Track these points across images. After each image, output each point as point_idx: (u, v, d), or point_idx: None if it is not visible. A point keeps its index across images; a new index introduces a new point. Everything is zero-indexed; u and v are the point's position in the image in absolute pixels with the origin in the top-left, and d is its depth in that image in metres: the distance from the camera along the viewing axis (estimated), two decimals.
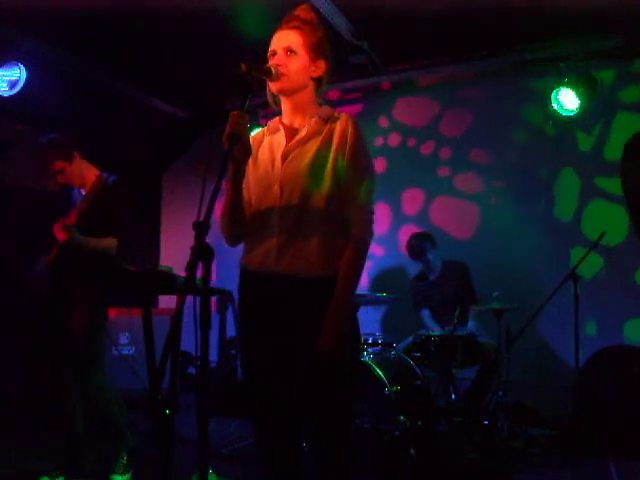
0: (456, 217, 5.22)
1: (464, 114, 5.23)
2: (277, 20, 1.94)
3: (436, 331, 4.31)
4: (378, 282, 5.26)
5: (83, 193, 3.27)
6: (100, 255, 3.12)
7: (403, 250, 4.83)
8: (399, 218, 5.44)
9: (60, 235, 3.02)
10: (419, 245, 4.55)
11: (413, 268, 4.90)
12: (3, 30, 4.04)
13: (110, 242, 3.12)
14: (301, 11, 1.94)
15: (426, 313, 4.57)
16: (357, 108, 5.68)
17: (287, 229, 1.84)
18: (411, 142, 5.48)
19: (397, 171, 5.46)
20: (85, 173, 3.26)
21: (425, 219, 5.34)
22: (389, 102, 5.59)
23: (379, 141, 5.54)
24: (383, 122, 5.59)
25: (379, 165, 5.42)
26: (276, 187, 1.88)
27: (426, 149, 5.42)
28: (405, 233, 5.31)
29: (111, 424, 3.16)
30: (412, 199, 5.45)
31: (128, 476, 3.12)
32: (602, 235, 3.97)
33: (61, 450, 3.16)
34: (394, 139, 5.55)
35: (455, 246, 4.96)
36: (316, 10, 2.01)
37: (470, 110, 5.20)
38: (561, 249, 4.71)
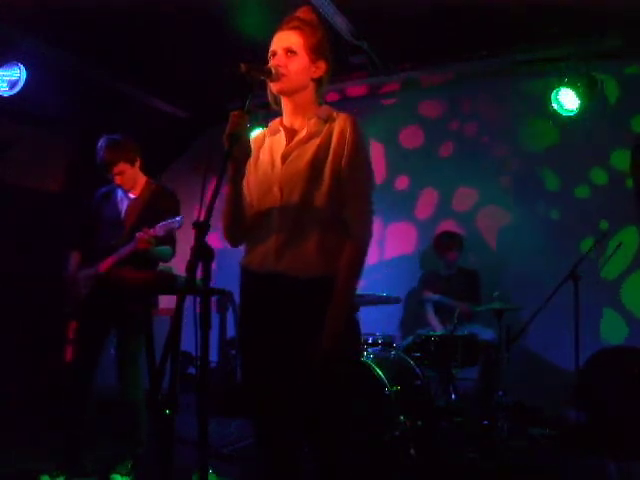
0: (457, 216, 5.22)
1: (464, 114, 5.22)
2: (277, 20, 1.94)
3: (436, 329, 4.32)
4: (378, 282, 5.26)
5: (132, 196, 3.31)
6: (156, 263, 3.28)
7: (403, 250, 4.84)
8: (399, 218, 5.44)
9: (144, 244, 3.03)
10: (448, 242, 4.66)
11: (413, 268, 4.91)
12: (3, 30, 4.04)
13: (167, 251, 3.24)
14: (301, 12, 1.95)
15: (430, 308, 4.59)
16: (357, 108, 5.68)
17: (287, 229, 1.84)
18: (411, 142, 5.48)
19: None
20: (137, 178, 3.33)
21: (425, 219, 5.34)
22: (389, 102, 5.58)
23: (379, 141, 5.54)
24: (383, 122, 5.58)
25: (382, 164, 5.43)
26: (276, 188, 1.88)
27: (426, 149, 5.42)
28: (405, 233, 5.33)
29: (134, 424, 3.18)
30: None
31: (130, 478, 3.12)
32: (603, 235, 3.98)
33: (61, 450, 3.16)
34: (394, 138, 5.54)
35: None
36: (316, 11, 2.02)
37: (470, 110, 5.20)
38: (561, 249, 4.71)
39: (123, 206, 3.31)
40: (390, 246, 5.32)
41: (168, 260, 3.30)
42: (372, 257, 4.95)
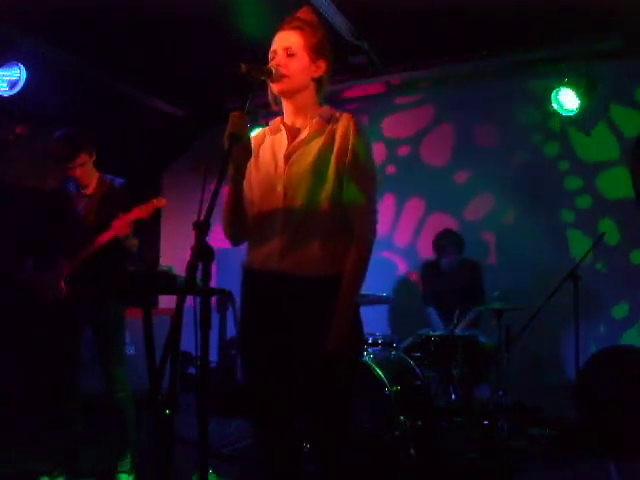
0: (456, 216, 5.22)
1: (464, 114, 5.22)
2: (277, 20, 1.94)
3: (438, 330, 4.31)
4: (379, 282, 5.26)
5: (84, 193, 3.24)
6: (125, 256, 3.19)
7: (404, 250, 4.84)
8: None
9: (125, 230, 3.01)
10: (444, 244, 4.58)
11: (414, 267, 4.90)
12: (3, 30, 4.03)
13: (135, 243, 3.18)
14: (302, 13, 1.96)
15: (433, 311, 4.57)
16: (357, 108, 5.68)
17: (291, 230, 1.85)
18: (411, 142, 5.48)
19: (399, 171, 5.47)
20: (93, 172, 3.26)
21: (425, 219, 5.34)
22: (389, 102, 5.58)
23: (379, 140, 5.54)
24: (383, 122, 5.58)
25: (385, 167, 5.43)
26: (279, 188, 1.88)
27: (426, 149, 5.42)
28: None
29: (125, 423, 3.17)
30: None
31: (134, 476, 3.12)
32: (602, 235, 3.98)
33: (60, 450, 3.16)
34: (394, 139, 5.54)
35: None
36: (316, 11, 2.02)
37: (470, 110, 5.20)
38: (562, 249, 4.71)
39: (79, 204, 3.22)
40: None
41: (134, 251, 3.20)
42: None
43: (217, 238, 1.95)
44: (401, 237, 5.39)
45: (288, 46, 1.88)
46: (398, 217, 5.45)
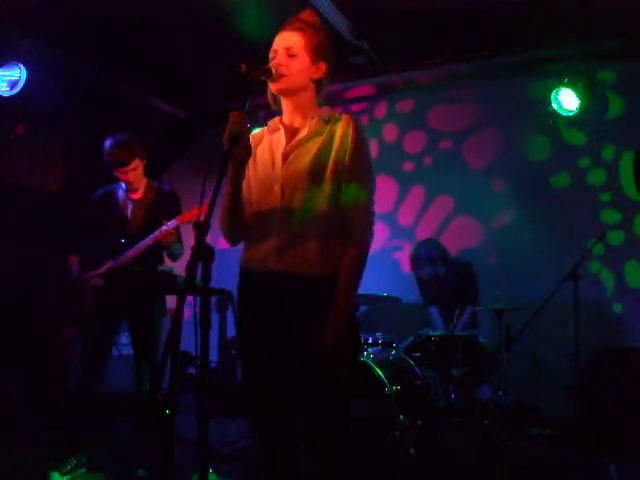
0: (456, 217, 5.22)
1: (464, 114, 5.22)
2: (277, 20, 1.95)
3: (438, 327, 4.31)
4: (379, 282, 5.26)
5: (133, 197, 3.35)
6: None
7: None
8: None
9: (169, 238, 3.11)
10: (418, 261, 4.53)
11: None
12: (3, 30, 4.04)
13: (181, 249, 3.34)
14: (305, 14, 1.96)
15: (434, 310, 4.57)
16: (357, 108, 5.68)
17: (288, 229, 1.84)
18: (411, 141, 5.48)
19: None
20: (143, 178, 3.39)
21: (425, 218, 5.33)
22: (389, 102, 5.58)
23: (379, 141, 5.54)
24: (383, 122, 5.58)
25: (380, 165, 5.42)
26: (277, 187, 1.88)
27: (426, 148, 5.41)
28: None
29: None
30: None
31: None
32: (602, 235, 3.98)
33: (63, 448, 3.16)
34: (392, 138, 5.54)
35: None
36: (319, 13, 2.02)
37: (470, 110, 5.20)
38: (562, 248, 4.71)
39: (127, 207, 3.34)
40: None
41: (180, 257, 3.35)
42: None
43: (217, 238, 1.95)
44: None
45: (289, 46, 1.88)
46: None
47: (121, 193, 3.38)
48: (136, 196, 3.38)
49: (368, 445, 3.32)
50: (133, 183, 3.32)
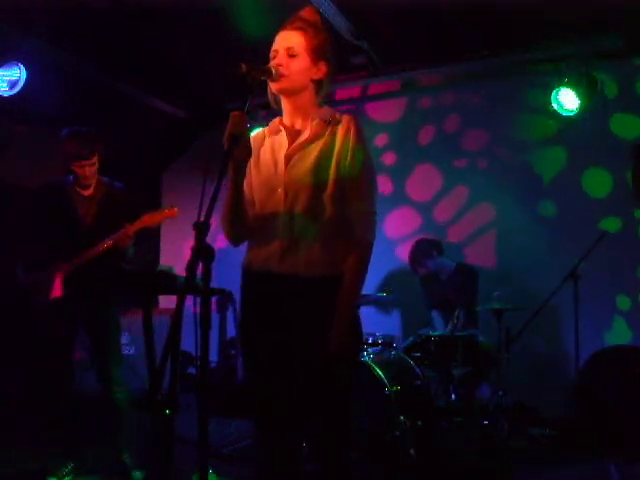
0: (456, 217, 5.22)
1: (464, 114, 5.23)
2: (277, 20, 1.94)
3: (440, 331, 4.31)
4: (379, 282, 5.27)
5: (84, 194, 3.21)
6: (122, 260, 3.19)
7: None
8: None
9: (125, 242, 3.02)
10: (411, 261, 4.59)
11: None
12: (3, 30, 4.04)
13: (132, 252, 3.19)
14: (306, 13, 1.95)
15: (436, 314, 4.58)
16: (357, 108, 5.69)
17: (291, 231, 1.85)
18: (411, 142, 5.48)
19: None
20: (95, 174, 3.24)
21: (425, 218, 5.34)
22: (389, 102, 5.59)
23: (379, 140, 5.53)
24: (382, 121, 5.58)
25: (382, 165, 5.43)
26: (280, 190, 1.88)
27: (425, 148, 5.42)
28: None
29: (119, 423, 3.16)
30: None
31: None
32: (602, 236, 3.98)
33: (63, 449, 3.16)
34: (394, 138, 5.54)
35: (455, 246, 4.95)
36: (320, 13, 2.01)
37: (470, 110, 5.20)
38: (561, 249, 4.71)
39: (77, 204, 3.19)
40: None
41: (130, 255, 3.20)
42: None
43: (218, 238, 1.95)
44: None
45: (290, 46, 1.87)
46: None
47: (70, 188, 3.22)
48: (86, 193, 3.22)
49: (368, 445, 3.32)
50: (88, 178, 3.17)
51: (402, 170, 5.41)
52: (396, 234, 5.32)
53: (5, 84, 4.12)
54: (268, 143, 1.99)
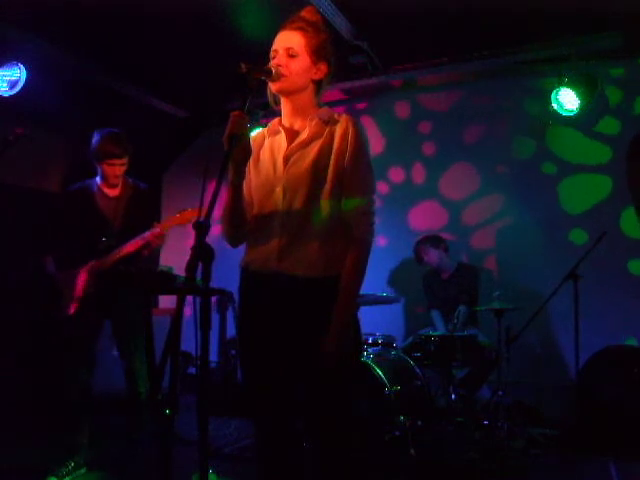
0: (456, 217, 5.22)
1: (464, 114, 5.22)
2: (277, 20, 1.94)
3: (441, 330, 4.32)
4: (379, 282, 5.27)
5: (110, 194, 3.30)
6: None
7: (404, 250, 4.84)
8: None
9: (159, 241, 3.11)
10: (415, 249, 4.66)
11: (415, 267, 4.89)
12: (3, 30, 4.04)
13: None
14: (306, 12, 1.95)
15: (436, 314, 4.59)
16: (357, 108, 5.69)
17: (289, 231, 1.85)
18: (410, 142, 5.48)
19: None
20: (124, 175, 3.34)
21: (426, 218, 5.34)
22: (389, 102, 5.59)
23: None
24: (383, 121, 5.58)
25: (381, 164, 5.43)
26: (279, 190, 1.88)
27: (426, 149, 5.41)
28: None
29: (140, 422, 3.17)
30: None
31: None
32: (602, 235, 3.97)
33: (66, 448, 3.16)
34: (394, 138, 5.54)
35: (455, 246, 4.95)
36: (320, 13, 2.01)
37: (470, 110, 5.20)
38: (561, 249, 4.71)
39: (104, 205, 3.28)
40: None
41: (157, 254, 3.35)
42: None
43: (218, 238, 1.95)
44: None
45: (290, 46, 1.87)
46: None
47: (96, 189, 3.31)
48: (113, 193, 3.31)
49: (368, 445, 3.32)
50: (117, 177, 3.27)
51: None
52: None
53: (5, 84, 4.12)
54: (267, 144, 1.99)
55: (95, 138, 3.24)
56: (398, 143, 5.47)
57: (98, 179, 3.33)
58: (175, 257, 5.82)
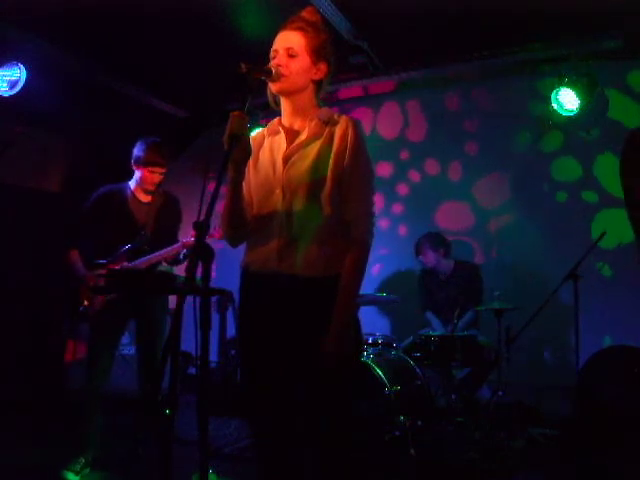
0: (456, 217, 5.22)
1: (464, 114, 5.23)
2: (277, 20, 1.94)
3: (438, 331, 4.31)
4: (380, 282, 5.27)
5: (143, 200, 3.39)
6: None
7: (405, 250, 4.84)
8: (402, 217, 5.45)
9: (177, 254, 3.29)
10: (417, 243, 4.63)
11: (415, 268, 4.90)
12: (3, 30, 4.04)
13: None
14: (306, 13, 1.95)
15: (430, 315, 4.58)
16: (356, 108, 5.69)
17: (289, 231, 1.85)
18: (410, 142, 5.48)
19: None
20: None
21: (426, 218, 5.34)
22: (389, 102, 5.59)
23: (378, 140, 5.54)
24: (383, 122, 5.58)
25: (383, 165, 5.44)
26: (278, 191, 1.88)
27: (425, 148, 5.42)
28: (407, 232, 5.35)
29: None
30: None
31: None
32: (602, 235, 3.97)
33: (80, 443, 3.17)
34: (395, 138, 5.54)
35: (455, 246, 4.95)
36: (320, 13, 2.01)
37: (470, 110, 5.20)
38: (561, 249, 4.71)
39: (137, 209, 3.36)
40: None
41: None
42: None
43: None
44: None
45: (290, 47, 1.87)
46: None
47: (129, 194, 3.39)
48: (146, 199, 3.40)
49: (368, 445, 3.32)
50: (155, 185, 3.38)
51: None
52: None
53: (5, 84, 4.12)
54: (267, 144, 1.99)
55: (141, 146, 3.36)
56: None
57: (133, 184, 3.41)
58: None
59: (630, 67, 4.60)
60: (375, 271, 5.29)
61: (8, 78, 4.12)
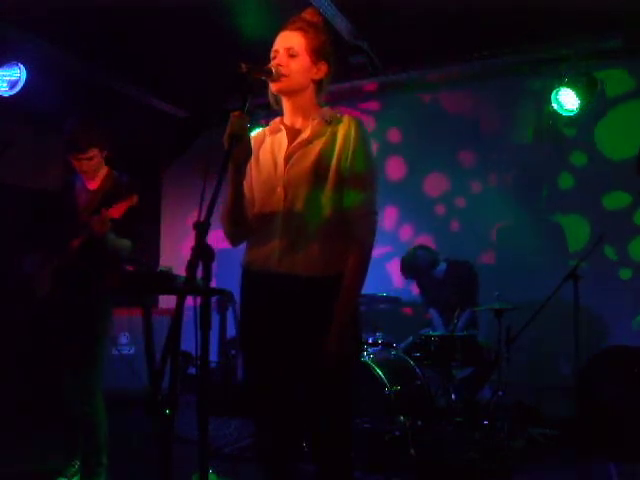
0: (456, 216, 5.22)
1: (464, 114, 5.22)
2: (277, 20, 1.94)
3: (439, 329, 4.31)
4: (380, 282, 5.26)
5: (89, 187, 3.08)
6: (114, 256, 2.95)
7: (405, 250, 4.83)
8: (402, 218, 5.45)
9: (100, 227, 2.75)
10: (404, 274, 4.62)
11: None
12: (3, 30, 4.04)
13: (126, 244, 2.96)
14: (307, 14, 1.95)
15: (434, 312, 4.59)
16: (356, 108, 5.68)
17: (290, 231, 1.84)
18: (410, 142, 5.48)
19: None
20: (101, 168, 3.07)
21: (426, 218, 5.34)
22: (389, 102, 5.59)
23: (378, 140, 5.53)
24: (383, 121, 5.58)
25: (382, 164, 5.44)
26: (280, 189, 1.88)
27: (425, 149, 5.42)
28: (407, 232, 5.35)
29: (94, 435, 2.94)
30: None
31: None
32: (603, 236, 3.97)
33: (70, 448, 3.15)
34: (394, 138, 5.54)
35: (455, 246, 4.95)
36: (321, 14, 2.01)
37: (470, 110, 5.20)
38: (561, 249, 4.71)
39: (83, 199, 3.07)
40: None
41: (125, 254, 2.99)
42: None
43: (218, 237, 1.95)
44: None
45: (290, 47, 1.87)
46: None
47: (78, 183, 3.11)
48: (92, 186, 3.07)
49: (368, 445, 3.32)
50: (87, 173, 3.00)
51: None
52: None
53: (5, 84, 4.12)
54: (268, 143, 1.99)
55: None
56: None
57: None
58: (175, 257, 5.84)
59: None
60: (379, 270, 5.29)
61: (8, 78, 4.12)
